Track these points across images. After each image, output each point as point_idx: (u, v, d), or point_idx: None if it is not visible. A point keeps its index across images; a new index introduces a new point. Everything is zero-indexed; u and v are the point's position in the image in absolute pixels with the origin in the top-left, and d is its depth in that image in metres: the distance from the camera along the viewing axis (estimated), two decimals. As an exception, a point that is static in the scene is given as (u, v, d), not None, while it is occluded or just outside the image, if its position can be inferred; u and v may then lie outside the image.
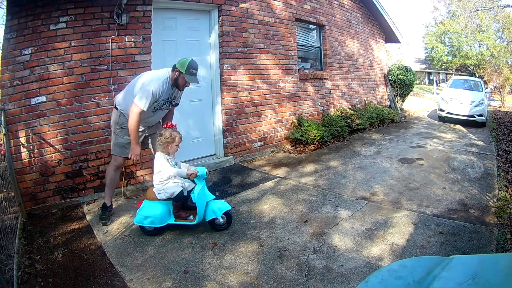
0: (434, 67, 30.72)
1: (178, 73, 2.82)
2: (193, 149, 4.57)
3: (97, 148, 3.52)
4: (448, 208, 3.17)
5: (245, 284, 2.12)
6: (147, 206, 2.71)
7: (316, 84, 6.26)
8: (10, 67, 3.13)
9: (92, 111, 3.46)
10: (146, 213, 2.69)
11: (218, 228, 2.83)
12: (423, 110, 11.86)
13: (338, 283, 2.10)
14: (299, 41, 5.92)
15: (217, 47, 4.58)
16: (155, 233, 2.76)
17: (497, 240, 2.54)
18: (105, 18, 3.45)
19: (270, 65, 5.22)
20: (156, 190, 2.71)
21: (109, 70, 3.50)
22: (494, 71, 17.84)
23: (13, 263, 2.18)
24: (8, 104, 3.12)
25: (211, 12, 4.54)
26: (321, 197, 3.46)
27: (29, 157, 3.19)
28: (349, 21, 7.33)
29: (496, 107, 13.89)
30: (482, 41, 25.82)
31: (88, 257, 2.46)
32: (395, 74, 9.45)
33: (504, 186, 3.69)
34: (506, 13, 21.91)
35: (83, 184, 3.47)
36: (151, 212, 2.68)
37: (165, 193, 2.67)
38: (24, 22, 3.15)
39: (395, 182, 3.90)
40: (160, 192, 2.69)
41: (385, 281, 1.13)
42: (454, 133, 7.29)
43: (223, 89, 4.63)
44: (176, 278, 2.19)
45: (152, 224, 2.71)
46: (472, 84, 9.88)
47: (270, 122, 5.27)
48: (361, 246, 2.51)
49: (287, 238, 2.66)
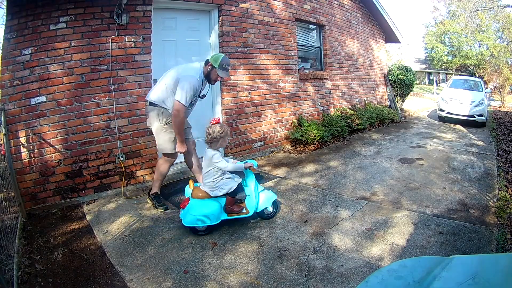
0: (434, 67, 30.72)
1: (211, 67, 2.94)
2: (193, 149, 4.56)
3: (97, 148, 3.52)
4: (448, 208, 3.16)
5: (245, 284, 2.12)
6: (199, 205, 2.64)
7: (316, 84, 6.26)
8: (10, 67, 3.13)
9: (92, 111, 3.46)
10: (199, 212, 2.61)
11: (266, 217, 2.93)
12: (423, 110, 11.86)
13: (338, 283, 2.10)
14: (299, 41, 5.92)
15: (217, 47, 4.58)
16: (206, 233, 2.70)
17: (497, 240, 2.54)
18: (105, 18, 3.45)
19: (270, 65, 5.22)
20: (209, 188, 2.70)
21: (109, 70, 3.50)
22: (494, 71, 17.85)
23: (13, 263, 2.18)
24: (8, 104, 3.12)
25: (211, 12, 4.54)
26: (321, 197, 3.46)
27: (29, 157, 3.19)
28: (349, 21, 7.33)
29: (496, 107, 13.89)
30: (482, 41, 25.83)
31: (88, 257, 2.46)
32: (395, 74, 9.46)
33: (504, 186, 3.69)
34: (506, 13, 21.92)
35: (83, 184, 3.47)
36: (206, 211, 2.62)
37: (221, 189, 2.69)
38: (24, 22, 3.15)
39: (395, 182, 3.90)
40: (214, 188, 2.69)
41: (385, 281, 1.13)
42: (454, 133, 7.29)
43: (223, 89, 4.63)
44: (176, 278, 2.19)
45: (208, 223, 2.65)
46: (472, 84, 9.88)
47: (270, 122, 5.27)
48: (361, 246, 2.51)
49: (287, 238, 2.66)
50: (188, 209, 2.65)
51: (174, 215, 3.12)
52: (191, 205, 2.65)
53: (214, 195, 2.69)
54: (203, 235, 2.69)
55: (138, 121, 3.74)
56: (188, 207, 2.65)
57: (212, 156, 2.64)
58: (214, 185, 2.70)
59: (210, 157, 2.65)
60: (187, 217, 2.63)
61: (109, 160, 3.60)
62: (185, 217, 2.64)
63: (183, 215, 2.68)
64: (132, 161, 3.75)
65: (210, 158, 2.65)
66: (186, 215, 2.64)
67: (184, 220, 2.64)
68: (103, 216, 3.12)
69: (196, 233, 2.70)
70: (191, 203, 2.67)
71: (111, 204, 3.39)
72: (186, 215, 2.64)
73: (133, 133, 3.72)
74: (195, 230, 2.70)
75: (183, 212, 2.68)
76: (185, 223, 2.65)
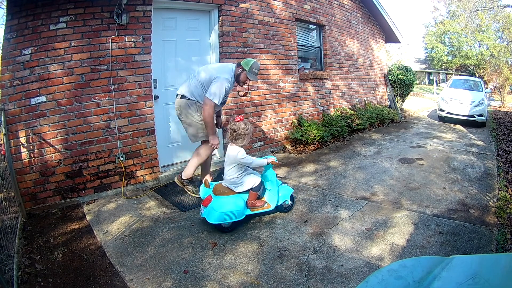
0: (434, 67, 30.72)
1: (242, 70, 3.20)
2: (193, 149, 4.53)
3: (97, 148, 3.52)
4: (448, 208, 3.17)
5: (245, 284, 2.12)
6: (223, 202, 2.68)
7: (316, 84, 6.26)
8: (10, 67, 3.13)
9: (92, 111, 3.46)
10: (225, 209, 2.64)
11: (285, 210, 3.06)
12: (423, 110, 11.86)
13: (338, 283, 2.10)
14: (299, 41, 5.92)
15: (217, 47, 4.58)
16: (231, 230, 2.74)
17: (497, 240, 2.54)
18: (105, 18, 3.45)
19: (270, 65, 5.22)
20: (233, 184, 2.78)
21: (109, 70, 3.50)
22: (494, 71, 17.84)
23: (13, 263, 2.18)
24: (8, 104, 3.12)
25: (211, 12, 4.54)
26: (321, 197, 3.46)
27: (29, 157, 3.19)
28: (349, 21, 7.33)
29: (496, 107, 13.89)
30: (482, 41, 25.83)
31: (88, 257, 2.46)
32: (395, 74, 9.45)
33: (504, 186, 3.69)
34: (506, 13, 21.94)
35: (83, 184, 3.47)
36: (231, 207, 2.67)
37: (246, 184, 2.76)
38: (24, 22, 3.15)
39: (395, 182, 3.90)
40: (239, 184, 2.77)
41: (385, 281, 1.13)
42: (454, 133, 7.29)
43: (223, 89, 4.62)
44: (176, 278, 2.19)
45: (233, 219, 2.69)
46: (472, 84, 9.88)
47: (270, 122, 5.27)
48: (361, 246, 2.51)
49: (287, 238, 2.66)
50: (212, 207, 2.67)
51: (174, 215, 3.13)
52: (216, 203, 2.69)
53: (239, 191, 2.76)
54: (228, 231, 2.74)
55: (138, 121, 3.74)
56: (212, 205, 2.68)
57: (238, 153, 2.70)
58: (238, 181, 2.78)
59: (235, 154, 2.70)
60: (212, 214, 2.64)
61: (109, 160, 3.60)
62: (210, 214, 2.65)
63: (206, 214, 2.70)
64: (132, 161, 3.75)
65: (235, 155, 2.70)
66: (211, 212, 2.65)
67: (209, 218, 2.66)
68: (103, 216, 3.12)
69: (222, 230, 2.73)
70: (215, 201, 2.70)
71: (111, 204, 3.39)
72: (211, 212, 2.65)
73: (133, 133, 3.72)
74: (221, 227, 2.72)
75: (207, 210, 2.70)
76: (210, 221, 2.65)
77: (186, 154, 4.51)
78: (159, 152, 3.96)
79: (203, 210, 2.76)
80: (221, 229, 2.72)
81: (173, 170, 4.18)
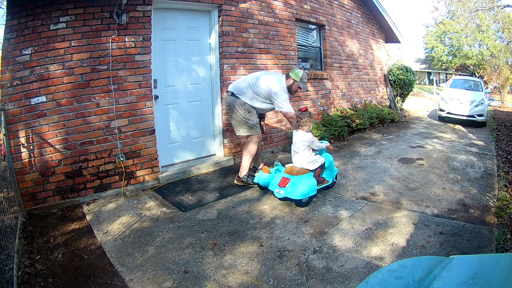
0: (434, 67, 30.72)
1: (293, 81, 3.60)
2: (193, 149, 4.57)
3: (97, 148, 3.52)
4: (448, 208, 3.17)
5: (245, 284, 2.12)
6: (303, 180, 3.12)
7: (316, 84, 6.26)
8: (10, 67, 3.13)
9: (92, 111, 3.46)
10: (305, 185, 3.09)
11: (331, 185, 3.60)
12: (423, 110, 11.86)
13: (338, 283, 2.10)
14: (299, 41, 5.92)
15: (217, 47, 4.58)
16: (306, 204, 3.16)
17: (497, 240, 2.54)
18: (105, 18, 3.45)
19: (270, 65, 5.22)
20: (306, 163, 3.25)
21: (109, 70, 3.50)
22: (494, 71, 17.84)
23: (13, 263, 2.18)
24: (8, 104, 3.12)
25: (211, 12, 4.53)
26: (321, 197, 3.46)
27: (29, 157, 3.19)
28: (349, 21, 7.33)
29: (496, 107, 13.89)
30: (482, 41, 25.82)
31: (88, 257, 2.46)
32: (395, 74, 9.45)
33: (504, 186, 3.69)
34: (506, 13, 21.94)
35: (83, 184, 3.47)
36: (310, 183, 3.14)
37: (316, 162, 3.29)
38: (24, 22, 3.15)
39: (395, 182, 3.90)
40: (310, 163, 3.27)
41: (385, 281, 1.13)
42: (454, 133, 7.29)
43: (223, 89, 4.62)
44: (176, 278, 2.19)
45: (312, 193, 3.15)
46: (472, 84, 9.88)
47: (270, 122, 5.27)
48: (361, 246, 2.51)
49: (287, 238, 2.66)
50: (294, 185, 3.07)
51: (174, 215, 3.13)
52: (296, 181, 3.09)
53: (312, 168, 3.26)
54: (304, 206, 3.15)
55: (138, 121, 3.74)
56: (294, 183, 3.08)
57: (310, 136, 3.26)
58: (310, 160, 3.26)
59: (306, 138, 3.23)
60: (296, 191, 3.04)
61: (109, 160, 3.60)
62: (293, 192, 3.05)
63: (288, 192, 3.06)
64: (132, 161, 3.75)
65: (306, 139, 3.23)
66: (294, 190, 3.05)
67: (293, 195, 3.05)
68: (103, 216, 3.12)
69: (301, 205, 3.14)
70: (295, 180, 3.10)
71: (111, 204, 3.39)
72: (294, 190, 3.05)
73: (133, 133, 3.72)
74: (301, 203, 3.12)
75: (287, 189, 3.07)
76: (295, 197, 3.05)
77: (186, 154, 4.51)
78: (159, 152, 3.96)
79: (282, 190, 3.10)
80: (301, 204, 3.13)
81: (173, 170, 4.18)
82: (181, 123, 4.39)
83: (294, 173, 3.19)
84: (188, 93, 4.42)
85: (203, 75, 4.58)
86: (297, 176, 3.15)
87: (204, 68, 4.58)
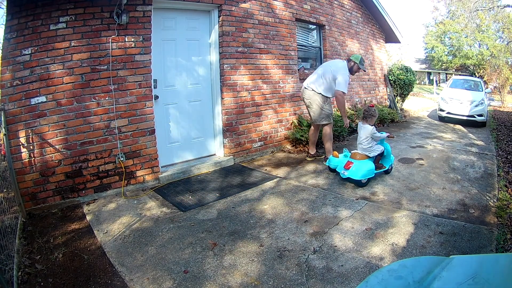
0: (434, 67, 30.71)
1: (353, 63, 4.35)
2: (193, 149, 4.57)
3: (97, 148, 3.52)
4: (448, 208, 3.16)
5: (245, 284, 2.12)
6: (363, 164, 3.66)
7: (316, 84, 6.24)
8: (10, 67, 3.13)
9: (92, 111, 3.46)
10: (366, 168, 3.65)
11: (389, 172, 4.10)
12: (423, 110, 11.86)
13: (338, 283, 2.10)
14: (299, 41, 5.92)
15: (217, 47, 4.58)
16: (365, 185, 3.70)
17: (497, 240, 2.54)
18: (105, 18, 3.45)
19: (270, 65, 5.22)
20: (366, 151, 3.79)
21: (109, 70, 3.50)
22: (494, 71, 17.82)
23: (13, 263, 2.18)
24: (8, 104, 3.12)
25: (211, 12, 4.53)
26: (321, 197, 3.46)
27: (29, 157, 3.19)
28: (349, 21, 7.32)
29: (496, 107, 13.89)
30: (482, 41, 25.82)
31: (88, 257, 2.46)
32: (395, 74, 9.45)
33: (504, 186, 3.69)
34: (506, 13, 21.95)
35: (83, 184, 3.47)
36: (370, 167, 3.70)
37: (376, 151, 3.81)
38: (24, 22, 3.15)
39: (395, 181, 3.90)
40: (371, 151, 3.79)
41: (385, 281, 1.12)
42: (454, 133, 7.29)
43: (223, 89, 4.63)
44: (176, 278, 2.19)
45: (370, 175, 3.70)
46: (472, 84, 9.87)
47: (270, 122, 5.27)
48: (361, 246, 2.51)
49: (287, 238, 2.66)
50: (357, 168, 3.62)
51: (174, 215, 3.13)
52: (359, 164, 3.65)
53: (372, 155, 3.80)
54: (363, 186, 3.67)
55: (138, 121, 3.74)
56: (356, 166, 3.62)
57: (372, 129, 3.75)
58: (371, 149, 3.79)
59: (370, 130, 3.74)
60: (357, 173, 3.60)
61: (109, 160, 3.60)
62: (356, 173, 3.60)
63: (351, 173, 3.60)
64: (132, 161, 3.75)
65: (370, 130, 3.74)
66: (356, 172, 3.60)
67: (355, 175, 3.59)
68: (103, 216, 3.12)
69: (360, 185, 3.66)
70: (358, 164, 3.65)
71: (111, 204, 3.39)
72: (356, 172, 3.60)
73: (133, 133, 3.72)
74: (360, 183, 3.65)
75: (350, 171, 3.61)
76: (356, 177, 3.60)
77: (186, 154, 4.51)
78: (159, 152, 3.96)
79: (346, 172, 3.65)
80: (360, 184, 3.67)
81: (173, 170, 4.19)
82: (181, 123, 4.39)
83: (357, 158, 3.73)
84: (188, 93, 4.43)
85: (203, 75, 4.58)
86: (359, 161, 3.69)
87: (204, 68, 4.58)
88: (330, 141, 4.57)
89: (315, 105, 4.41)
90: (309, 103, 4.47)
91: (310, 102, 4.45)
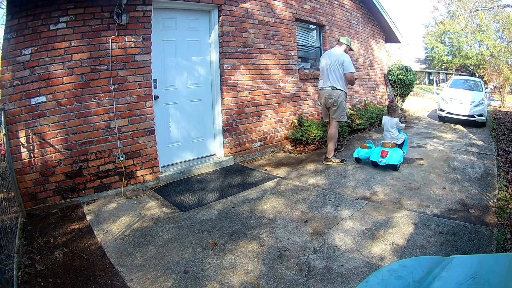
0: (434, 67, 30.71)
1: (346, 45, 4.66)
2: (193, 149, 4.57)
3: (97, 148, 3.52)
4: (448, 208, 3.16)
5: (245, 284, 2.12)
6: (396, 151, 4.24)
7: (316, 84, 6.24)
8: (10, 67, 3.13)
9: (92, 111, 3.46)
10: (399, 154, 4.24)
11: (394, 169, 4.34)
12: (423, 110, 11.86)
13: (338, 283, 2.10)
14: (299, 41, 5.92)
15: (217, 47, 4.58)
16: (398, 169, 4.27)
17: (497, 240, 2.54)
18: (105, 18, 3.45)
19: (270, 65, 5.22)
20: (395, 139, 4.49)
21: (109, 70, 3.50)
22: (494, 71, 17.83)
23: (13, 263, 2.18)
24: (8, 104, 3.12)
25: (211, 12, 4.53)
26: (321, 197, 3.46)
27: (29, 157, 3.19)
28: (349, 21, 7.32)
29: (496, 107, 13.88)
30: (482, 41, 25.81)
31: (88, 257, 2.46)
32: (395, 74, 9.45)
33: (504, 186, 3.69)
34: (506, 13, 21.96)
35: (83, 184, 3.47)
36: (400, 153, 4.30)
37: (401, 139, 4.56)
38: (24, 22, 3.15)
39: (395, 182, 3.90)
40: (398, 140, 4.52)
41: (385, 281, 1.12)
42: (454, 133, 7.29)
43: (223, 89, 4.63)
44: (176, 278, 2.19)
45: (402, 160, 4.32)
46: (472, 84, 9.86)
47: (270, 122, 5.27)
48: (361, 246, 2.51)
49: (287, 238, 2.66)
50: (393, 154, 4.17)
51: (174, 215, 3.13)
52: (394, 152, 4.20)
53: (399, 143, 4.47)
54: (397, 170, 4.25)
55: (138, 121, 3.74)
56: (391, 153, 4.17)
57: (397, 120, 4.51)
58: (398, 137, 4.53)
59: (395, 121, 4.49)
60: (395, 159, 4.17)
61: (109, 160, 3.60)
62: (393, 159, 4.15)
63: (390, 160, 4.14)
64: (132, 161, 3.75)
65: (395, 122, 4.49)
66: (394, 158, 4.16)
67: (393, 161, 4.16)
68: (103, 216, 3.12)
69: (396, 169, 4.26)
70: (393, 151, 4.20)
71: (111, 204, 3.39)
72: (394, 158, 4.16)
73: (133, 133, 3.72)
74: (396, 167, 4.24)
75: (388, 158, 4.14)
76: (394, 162, 4.17)
77: (186, 154, 4.51)
78: (159, 152, 3.96)
79: (384, 160, 4.16)
80: (396, 168, 4.25)
81: (173, 170, 4.19)
82: (181, 123, 4.39)
83: (389, 146, 4.27)
84: (188, 93, 4.43)
85: (203, 75, 4.58)
86: (393, 149, 4.25)
87: (204, 68, 4.58)
88: (333, 141, 4.69)
89: (339, 102, 4.56)
90: (333, 102, 4.58)
91: (334, 100, 4.57)
